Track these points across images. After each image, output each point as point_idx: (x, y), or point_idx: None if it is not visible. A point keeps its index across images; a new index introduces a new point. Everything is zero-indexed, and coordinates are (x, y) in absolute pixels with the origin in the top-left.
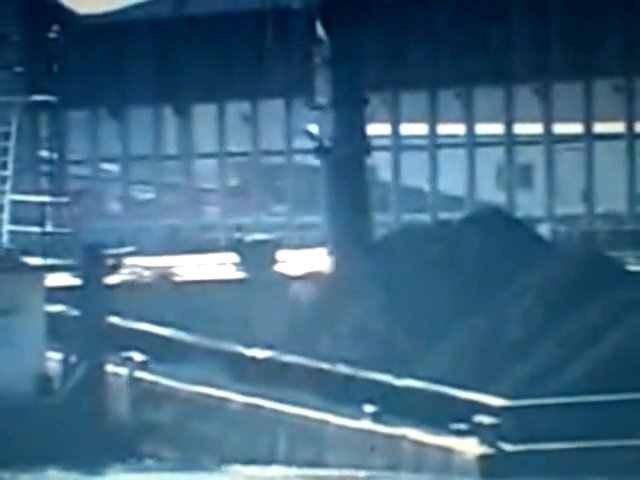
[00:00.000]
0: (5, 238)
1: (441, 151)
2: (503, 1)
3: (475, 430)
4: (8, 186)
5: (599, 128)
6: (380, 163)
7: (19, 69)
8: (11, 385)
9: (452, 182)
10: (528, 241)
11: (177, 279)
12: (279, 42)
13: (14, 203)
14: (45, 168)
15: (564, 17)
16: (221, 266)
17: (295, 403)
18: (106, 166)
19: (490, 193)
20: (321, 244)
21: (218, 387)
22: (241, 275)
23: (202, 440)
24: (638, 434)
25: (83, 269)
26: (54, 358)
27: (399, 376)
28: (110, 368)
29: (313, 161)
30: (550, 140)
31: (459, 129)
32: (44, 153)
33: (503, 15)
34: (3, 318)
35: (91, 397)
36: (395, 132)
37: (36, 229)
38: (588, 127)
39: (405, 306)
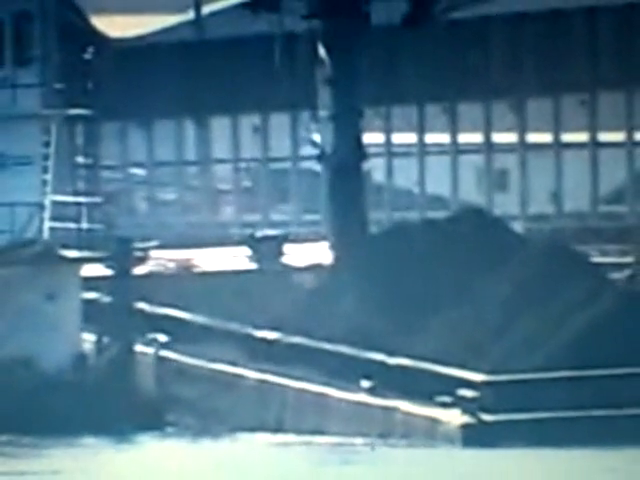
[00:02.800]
0: (46, 234)
1: (428, 157)
2: (482, 27)
3: (458, 402)
4: (49, 188)
5: (566, 138)
6: (374, 168)
7: (59, 86)
8: (52, 362)
9: (438, 185)
10: (504, 236)
11: (197, 270)
12: (286, 62)
13: (54, 203)
14: (81, 172)
15: (536, 41)
16: (235, 258)
17: (300, 378)
18: (134, 170)
19: (471, 194)
20: (322, 239)
21: (232, 364)
22: (252, 266)
23: (218, 411)
24: (603, 405)
25: (114, 261)
26: (89, 339)
27: (391, 354)
28: (138, 348)
29: (315, 166)
30: (524, 148)
31: (444, 138)
32: (80, 159)
33: (482, 39)
34: (46, 304)
35: (121, 373)
36: (388, 141)
37: (73, 226)
38: (557, 137)
39: (397, 293)
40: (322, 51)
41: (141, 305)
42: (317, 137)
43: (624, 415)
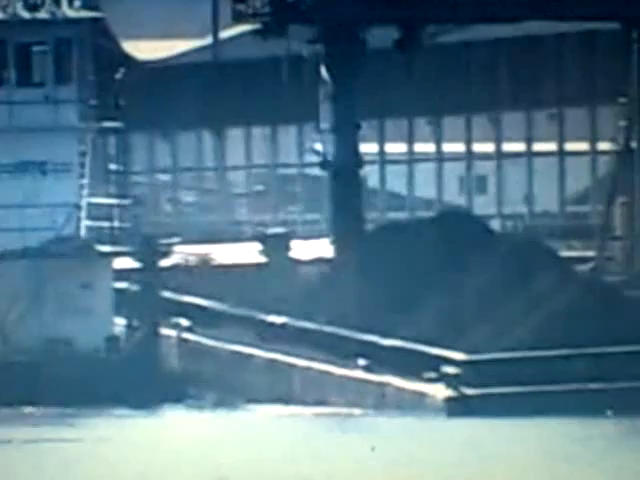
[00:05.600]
0: (83, 231)
1: (416, 164)
2: (464, 51)
3: (443, 378)
4: (85, 191)
5: (537, 147)
6: (370, 173)
7: (94, 102)
8: (88, 342)
9: (425, 188)
10: (483, 233)
11: (214, 262)
12: (292, 81)
13: (90, 204)
14: (113, 178)
15: (511, 62)
16: (248, 252)
17: (305, 357)
18: (160, 176)
19: (454, 197)
20: (324, 235)
21: (246, 345)
22: (263, 259)
23: (234, 385)
24: (568, 380)
25: (142, 254)
26: (120, 323)
27: (384, 336)
28: (163, 331)
29: (318, 172)
30: (500, 156)
31: (430, 148)
32: (112, 166)
33: (464, 61)
34: (83, 291)
35: (148, 353)
36: (381, 150)
37: (106, 224)
38: (529, 146)
39: (390, 283)
40: (324, 71)
41: (166, 293)
42: (320, 147)
43: (589, 389)
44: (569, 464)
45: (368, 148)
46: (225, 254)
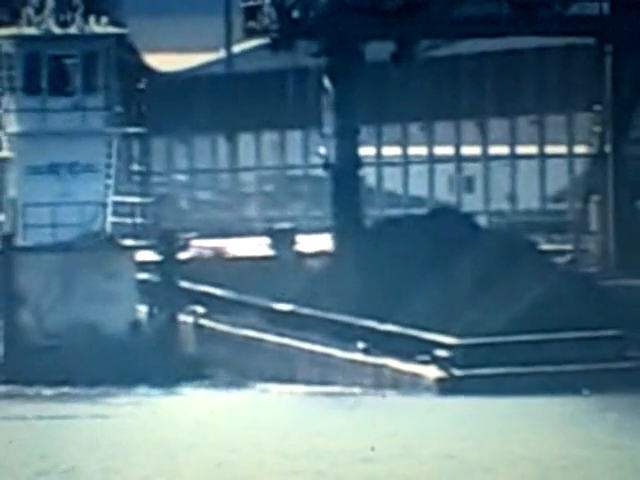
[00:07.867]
0: (109, 227)
1: (410, 166)
2: (454, 63)
3: (435, 360)
4: (110, 190)
5: (520, 150)
6: (368, 174)
7: (118, 109)
8: (113, 327)
9: (418, 188)
10: (470, 228)
11: (227, 255)
12: (298, 91)
13: (115, 202)
14: (136, 178)
15: (496, 73)
16: (258, 246)
17: (309, 341)
18: (178, 176)
19: (444, 195)
20: (327, 231)
21: (256, 330)
22: (272, 252)
23: (245, 367)
24: (551, 362)
25: (162, 248)
26: (142, 310)
27: (381, 322)
28: (181, 317)
29: (321, 173)
30: (486, 158)
31: (423, 151)
32: (135, 167)
33: (454, 72)
34: (108, 282)
35: (168, 337)
36: (378, 153)
37: (129, 220)
38: (512, 149)
39: (386, 273)
40: (327, 82)
41: (183, 283)
42: (323, 150)
43: (568, 371)
44: (551, 437)
45: (366, 151)
46: (237, 247)
